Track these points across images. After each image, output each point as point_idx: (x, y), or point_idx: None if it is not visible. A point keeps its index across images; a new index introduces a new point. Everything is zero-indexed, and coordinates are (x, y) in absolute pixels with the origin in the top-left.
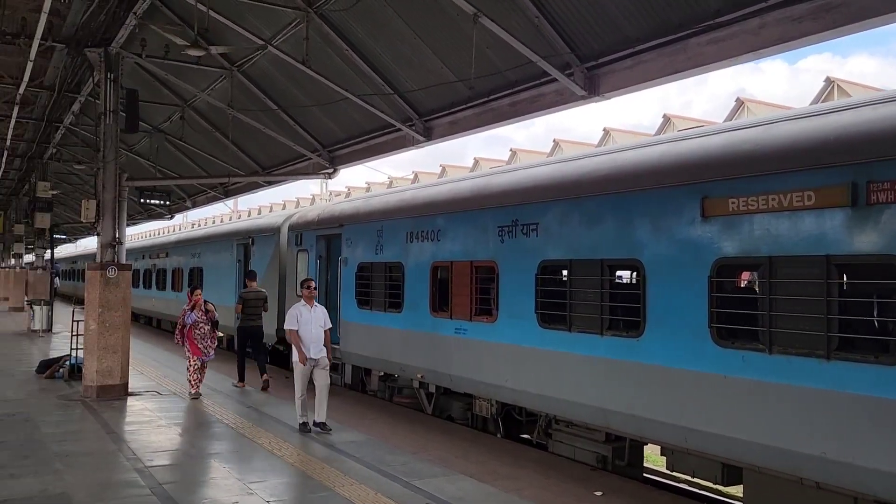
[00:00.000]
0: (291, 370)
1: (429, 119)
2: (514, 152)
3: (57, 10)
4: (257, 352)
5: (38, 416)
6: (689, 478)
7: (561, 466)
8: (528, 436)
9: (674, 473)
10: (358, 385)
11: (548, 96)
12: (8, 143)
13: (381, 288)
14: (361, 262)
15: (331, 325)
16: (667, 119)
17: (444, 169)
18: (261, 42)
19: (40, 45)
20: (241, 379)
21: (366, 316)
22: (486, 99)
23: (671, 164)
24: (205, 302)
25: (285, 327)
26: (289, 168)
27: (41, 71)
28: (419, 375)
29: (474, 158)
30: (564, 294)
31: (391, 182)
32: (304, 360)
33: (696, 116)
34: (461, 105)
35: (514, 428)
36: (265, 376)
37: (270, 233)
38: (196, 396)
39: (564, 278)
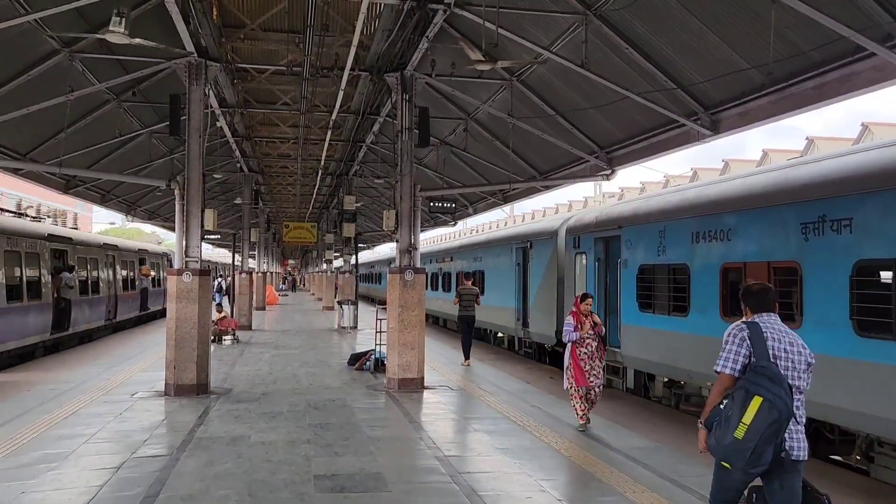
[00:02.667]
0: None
1: (716, 112)
2: (811, 141)
3: (362, 43)
4: (467, 335)
5: (352, 403)
6: None
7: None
8: (841, 457)
9: None
10: (640, 390)
11: (863, 74)
12: (322, 162)
13: (664, 290)
14: (642, 265)
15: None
16: None
17: (726, 164)
18: (540, 50)
19: (349, 75)
20: (466, 357)
21: (648, 319)
22: (784, 84)
23: None
24: (591, 313)
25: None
26: (565, 172)
27: (348, 98)
28: (709, 384)
29: (763, 150)
30: (890, 298)
31: (668, 181)
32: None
33: None
34: (753, 94)
35: (825, 447)
36: (466, 362)
37: (548, 236)
38: (583, 429)
39: (889, 280)
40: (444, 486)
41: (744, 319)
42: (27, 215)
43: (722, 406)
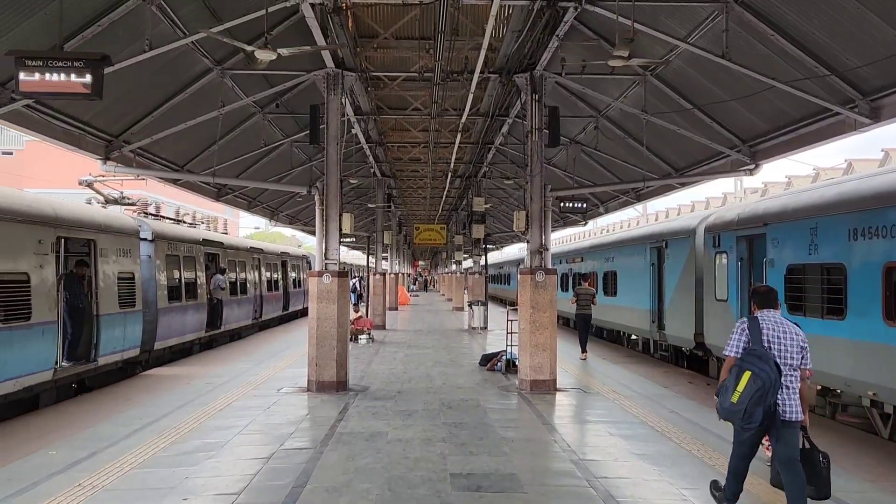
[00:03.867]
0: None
1: (875, 98)
2: None
3: (491, 45)
4: (584, 332)
5: (485, 403)
6: None
7: None
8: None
9: None
10: None
11: None
12: (451, 165)
13: (816, 292)
14: (791, 264)
15: None
16: None
17: (886, 154)
18: (676, 42)
19: (479, 77)
20: (583, 350)
21: (798, 322)
22: None
23: None
24: None
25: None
26: (704, 168)
27: (477, 100)
28: (870, 393)
29: None
30: None
31: (818, 174)
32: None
33: None
34: None
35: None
36: (584, 354)
37: (685, 235)
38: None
39: None
40: (580, 490)
41: (750, 314)
42: (184, 222)
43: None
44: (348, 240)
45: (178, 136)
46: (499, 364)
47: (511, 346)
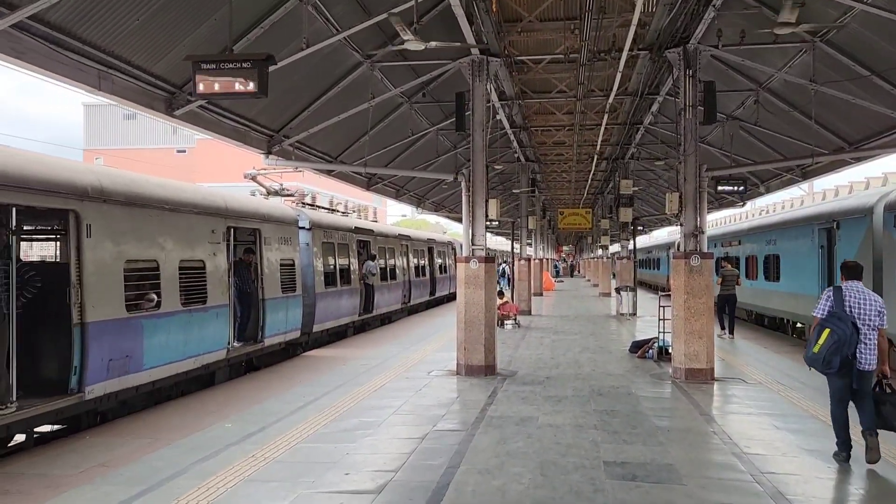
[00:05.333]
0: None
1: None
2: None
3: (641, 21)
4: (731, 314)
5: (637, 391)
6: None
7: None
8: None
9: None
10: None
11: None
12: (597, 147)
13: None
14: None
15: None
16: None
17: None
18: (851, 3)
19: (627, 55)
20: (722, 328)
21: None
22: None
23: None
24: None
25: None
26: (883, 140)
27: (625, 79)
28: None
29: None
30: None
31: None
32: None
33: None
34: None
35: None
36: (727, 334)
37: (860, 215)
38: None
39: None
40: (744, 485)
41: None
42: (338, 211)
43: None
44: (492, 225)
45: (332, 128)
46: (650, 351)
47: (663, 332)
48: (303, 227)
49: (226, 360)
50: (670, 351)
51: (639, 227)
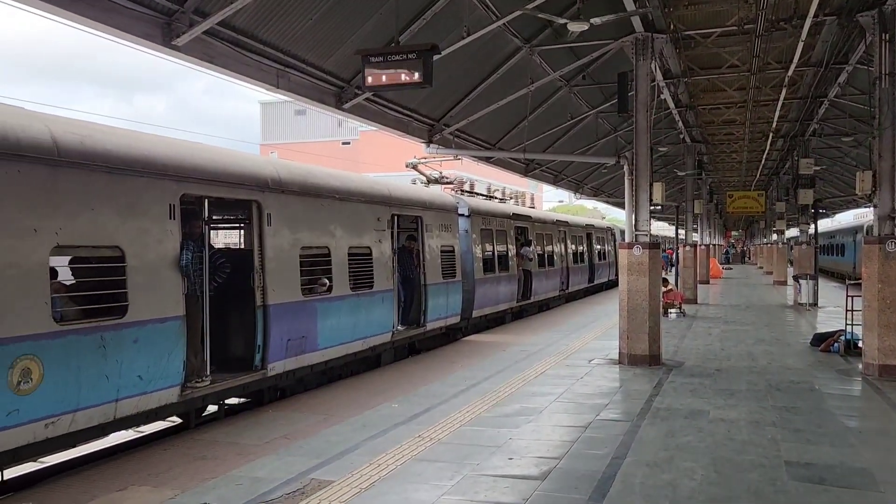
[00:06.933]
0: None
1: None
2: None
3: None
4: None
5: (821, 388)
6: None
7: None
8: None
9: None
10: None
11: None
12: (773, 125)
13: None
14: None
15: None
16: None
17: None
18: None
19: (811, 22)
20: None
21: None
22: None
23: None
24: None
25: None
26: None
27: (807, 49)
28: None
29: None
30: None
31: None
32: None
33: None
34: None
35: None
36: None
37: None
38: None
39: None
40: None
41: None
42: (495, 197)
43: None
44: (655, 210)
45: (491, 115)
46: (835, 345)
47: (851, 324)
48: (462, 215)
49: (391, 343)
50: (860, 345)
51: (820, 210)
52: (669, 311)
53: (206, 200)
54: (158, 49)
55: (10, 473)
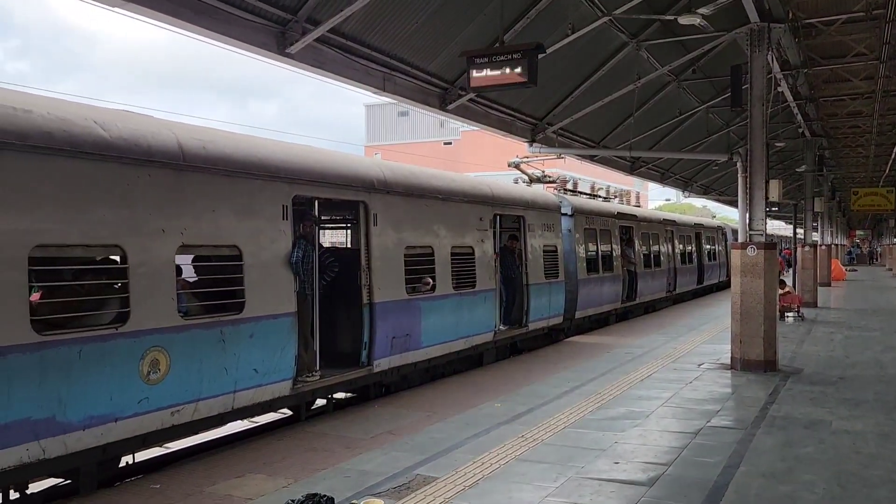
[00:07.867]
0: None
1: None
2: None
3: None
4: None
5: None
6: None
7: None
8: None
9: None
10: None
11: None
12: None
13: None
14: None
15: None
16: None
17: None
18: None
19: None
20: None
21: None
22: None
23: None
24: None
25: None
26: None
27: None
28: None
29: None
30: None
31: None
32: None
33: None
34: None
35: None
36: None
37: None
38: None
39: None
40: None
41: None
42: (599, 196)
43: None
44: (771, 209)
45: (595, 113)
46: None
47: None
48: (565, 214)
49: (493, 343)
50: None
51: None
52: (787, 314)
53: (316, 201)
54: (272, 57)
55: (140, 457)
